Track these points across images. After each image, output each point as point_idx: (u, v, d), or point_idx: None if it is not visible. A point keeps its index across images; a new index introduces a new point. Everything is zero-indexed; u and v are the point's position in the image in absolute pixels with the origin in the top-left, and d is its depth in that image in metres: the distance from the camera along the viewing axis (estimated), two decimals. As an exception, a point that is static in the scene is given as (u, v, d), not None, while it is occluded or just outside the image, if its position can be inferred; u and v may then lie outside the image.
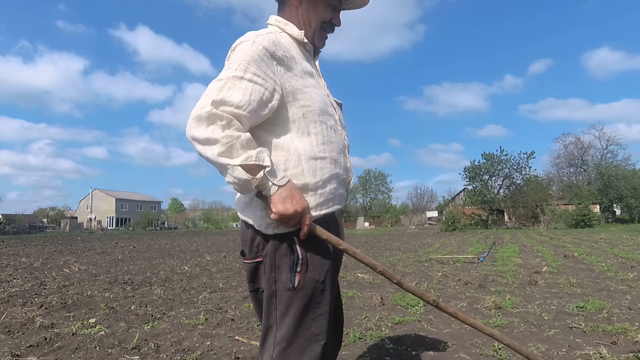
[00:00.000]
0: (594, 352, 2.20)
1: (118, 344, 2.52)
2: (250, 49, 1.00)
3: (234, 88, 0.95)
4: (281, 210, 0.94)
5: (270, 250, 1.03)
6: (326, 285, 1.04)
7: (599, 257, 7.18)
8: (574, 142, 42.46)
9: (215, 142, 0.91)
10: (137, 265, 7.31)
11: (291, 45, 1.13)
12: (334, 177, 1.09)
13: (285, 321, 1.02)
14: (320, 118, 1.08)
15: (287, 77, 1.04)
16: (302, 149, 1.04)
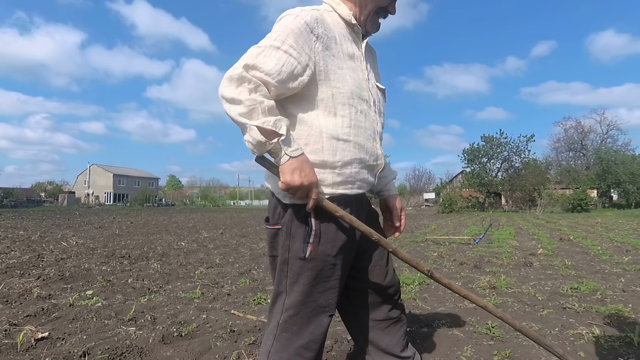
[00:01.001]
0: (587, 332, 2.22)
1: (115, 315, 2.53)
2: (292, 22, 1.02)
3: (268, 56, 0.98)
4: (288, 181, 0.97)
5: (287, 219, 1.08)
6: (338, 261, 1.08)
7: (594, 241, 7.25)
8: (574, 126, 42.23)
9: (239, 102, 0.96)
10: (134, 240, 7.34)
11: (337, 25, 1.13)
12: (356, 160, 1.10)
13: (294, 289, 1.07)
14: (350, 101, 1.08)
15: (323, 56, 1.05)
16: (326, 128, 1.05)
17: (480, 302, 1.23)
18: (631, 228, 10.81)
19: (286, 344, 1.06)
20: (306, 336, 1.07)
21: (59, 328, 2.27)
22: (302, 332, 1.07)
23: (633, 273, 4.11)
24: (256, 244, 7.00)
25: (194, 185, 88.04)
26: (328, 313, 1.09)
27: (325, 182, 1.06)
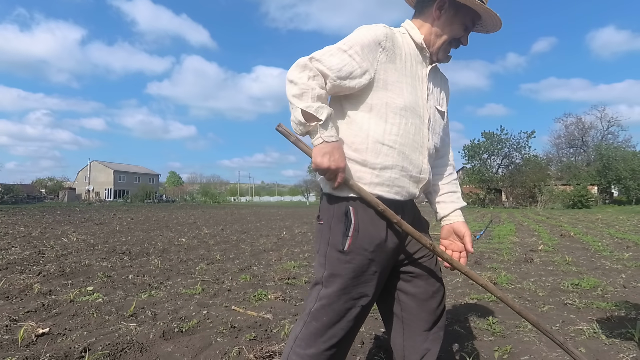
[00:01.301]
0: (588, 328, 2.22)
1: (115, 311, 2.53)
2: (363, 33, 1.14)
3: (334, 55, 1.11)
4: (318, 162, 1.07)
5: (330, 215, 1.16)
6: (375, 257, 1.13)
7: (595, 237, 7.25)
8: (575, 123, 42.05)
9: (295, 84, 1.08)
10: (134, 236, 7.35)
11: (407, 46, 1.22)
12: (398, 167, 1.16)
13: (330, 281, 1.12)
14: (402, 113, 1.16)
15: (386, 67, 1.15)
16: (374, 132, 1.14)
17: (481, 281, 1.26)
18: (632, 224, 10.81)
19: (314, 332, 1.11)
20: (334, 327, 1.11)
21: (60, 324, 2.27)
22: (331, 323, 1.11)
23: (634, 269, 4.11)
24: (256, 240, 7.01)
25: (194, 181, 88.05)
26: (360, 308, 1.13)
27: (363, 180, 1.14)
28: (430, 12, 1.22)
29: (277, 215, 17.52)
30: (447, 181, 1.35)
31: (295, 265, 4.30)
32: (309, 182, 60.25)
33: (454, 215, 1.33)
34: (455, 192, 1.35)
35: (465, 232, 1.29)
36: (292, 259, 4.78)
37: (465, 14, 1.21)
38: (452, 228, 1.32)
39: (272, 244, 6.34)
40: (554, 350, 1.95)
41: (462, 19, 1.21)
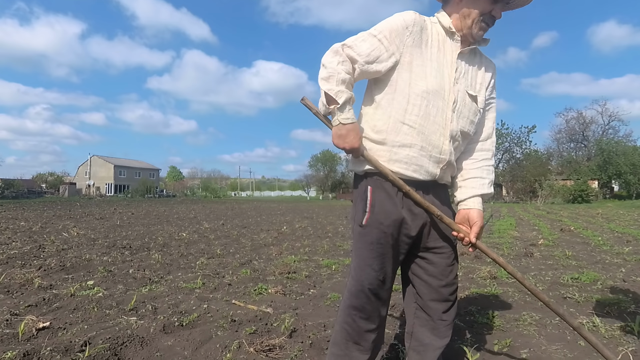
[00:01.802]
0: (587, 321, 2.22)
1: (116, 305, 2.54)
2: (393, 19, 1.23)
3: (365, 41, 1.21)
4: (335, 142, 1.20)
5: (355, 195, 1.31)
6: (391, 231, 1.23)
7: (595, 232, 7.25)
8: (576, 117, 41.85)
9: (325, 68, 1.18)
10: (135, 231, 7.36)
11: (436, 33, 1.27)
12: (417, 146, 1.22)
13: (355, 254, 1.29)
14: (424, 94, 1.21)
15: (412, 50, 1.21)
16: (396, 112, 1.23)
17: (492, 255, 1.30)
18: (632, 219, 10.80)
19: (345, 302, 1.30)
20: (359, 298, 1.26)
21: (60, 318, 2.28)
22: (357, 293, 1.27)
23: (633, 263, 4.11)
24: (257, 234, 7.01)
25: (194, 176, 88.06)
26: (380, 278, 1.25)
27: (383, 158, 1.24)
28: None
29: (277, 209, 17.54)
30: (478, 166, 1.33)
31: (295, 260, 4.31)
32: (310, 176, 60.11)
33: (471, 201, 1.31)
34: (482, 177, 1.32)
35: (476, 222, 1.28)
36: (293, 254, 4.78)
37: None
38: (467, 214, 1.31)
39: (272, 239, 6.35)
40: (554, 344, 1.95)
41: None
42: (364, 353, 1.30)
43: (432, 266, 1.31)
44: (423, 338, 1.34)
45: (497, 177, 34.18)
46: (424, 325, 1.35)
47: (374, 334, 1.31)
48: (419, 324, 1.36)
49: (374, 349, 1.33)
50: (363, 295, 1.27)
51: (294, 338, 2.01)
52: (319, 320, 2.28)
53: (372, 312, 1.29)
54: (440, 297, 1.31)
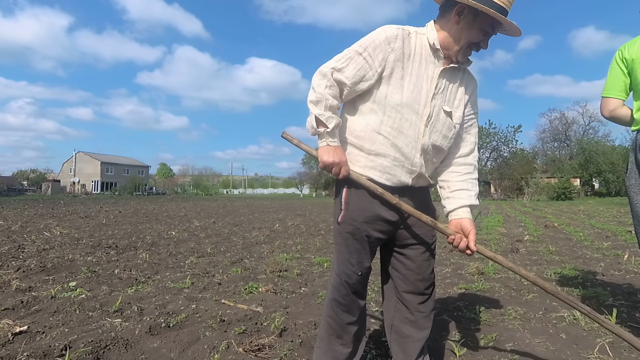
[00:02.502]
0: (568, 314, 2.29)
1: (100, 307, 2.48)
2: (377, 35, 1.26)
3: (352, 60, 1.25)
4: (324, 160, 1.25)
5: (336, 195, 1.39)
6: (365, 227, 1.31)
7: (577, 228, 7.45)
8: (559, 118, 42.92)
9: (314, 91, 1.25)
10: (122, 229, 7.22)
11: (420, 46, 1.29)
12: (389, 157, 1.29)
13: (335, 249, 1.38)
14: (399, 108, 1.26)
15: (393, 65, 1.25)
16: (373, 122, 1.29)
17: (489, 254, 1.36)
18: (611, 215, 11.14)
19: (329, 295, 1.40)
20: (340, 291, 1.35)
21: (39, 321, 2.20)
22: (338, 286, 1.35)
23: (612, 258, 4.24)
24: (249, 232, 6.97)
25: (186, 173, 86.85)
26: (357, 272, 1.33)
27: (359, 164, 1.31)
28: (450, 17, 1.26)
29: (270, 207, 17.46)
30: (463, 179, 1.39)
31: (287, 258, 4.30)
32: (303, 174, 60.07)
33: (461, 211, 1.37)
34: (468, 190, 1.38)
35: (471, 231, 1.34)
36: (285, 252, 4.77)
37: (484, 20, 1.23)
38: (459, 224, 1.36)
39: (264, 237, 6.31)
40: (537, 337, 2.00)
41: (480, 24, 1.24)
42: (347, 347, 1.38)
43: (410, 261, 1.38)
44: (403, 330, 1.40)
45: (486, 175, 34.80)
46: (403, 318, 1.41)
47: (355, 326, 1.38)
48: (398, 317, 1.41)
49: (355, 341, 1.39)
50: (343, 289, 1.35)
51: (284, 337, 2.01)
52: (309, 319, 2.28)
53: (351, 305, 1.36)
54: (417, 291, 1.39)
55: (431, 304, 1.42)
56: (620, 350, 1.80)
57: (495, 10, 1.18)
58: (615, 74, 1.82)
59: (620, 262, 3.95)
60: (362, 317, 1.41)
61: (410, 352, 1.39)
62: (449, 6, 1.26)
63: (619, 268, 3.66)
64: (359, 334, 1.41)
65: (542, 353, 1.82)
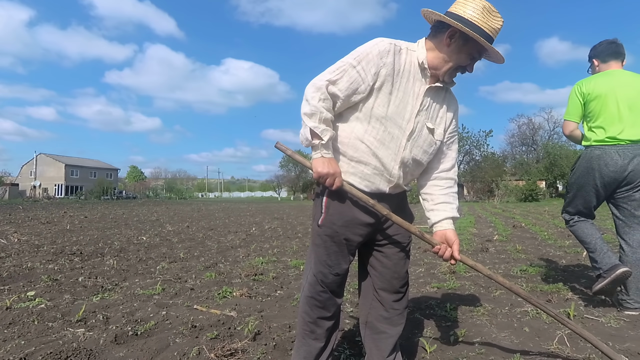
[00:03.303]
0: (531, 309, 2.40)
1: (61, 317, 2.34)
2: (371, 49, 1.29)
3: (346, 72, 1.27)
4: (319, 170, 1.27)
5: (315, 197, 1.42)
6: (344, 231, 1.34)
7: (542, 227, 7.85)
8: (526, 123, 45.13)
9: (308, 104, 1.27)
10: (88, 235, 6.87)
11: (409, 63, 1.33)
12: (369, 165, 1.33)
13: (312, 250, 1.41)
14: (383, 121, 1.31)
15: (383, 79, 1.29)
16: (357, 130, 1.33)
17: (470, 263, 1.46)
18: (574, 215, 11.78)
19: (304, 292, 1.42)
20: (316, 289, 1.39)
21: (-5, 333, 2.06)
22: (314, 285, 1.39)
23: (572, 255, 4.50)
24: (224, 236, 6.82)
25: (158, 176, 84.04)
26: (334, 272, 1.37)
27: (342, 168, 1.35)
28: (442, 38, 1.31)
29: (247, 211, 17.19)
30: (445, 192, 1.46)
31: (263, 261, 4.24)
32: (281, 177, 59.63)
33: (445, 223, 1.44)
34: (450, 203, 1.45)
35: (455, 241, 1.41)
36: (261, 255, 4.70)
37: (473, 46, 1.29)
38: (444, 235, 1.43)
39: (240, 240, 6.20)
40: (503, 331, 2.08)
41: (469, 49, 1.30)
42: (320, 341, 1.42)
43: (387, 259, 1.43)
44: (378, 327, 1.45)
45: (459, 177, 35.78)
46: (378, 315, 1.45)
47: (329, 322, 1.43)
48: (373, 314, 1.46)
49: (328, 336, 1.44)
50: (319, 287, 1.39)
51: (258, 341, 1.97)
52: (284, 322, 2.26)
53: (328, 301, 1.40)
54: (392, 289, 1.44)
55: (405, 302, 1.47)
56: (576, 341, 1.91)
57: (484, 37, 1.25)
58: (574, 102, 2.42)
59: (580, 259, 4.19)
60: (337, 313, 1.44)
61: (383, 348, 1.43)
62: (442, 28, 1.31)
63: (579, 265, 3.89)
64: (332, 329, 1.44)
65: (507, 346, 1.89)
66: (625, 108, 2.27)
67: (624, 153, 2.27)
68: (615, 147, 2.29)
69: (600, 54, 2.48)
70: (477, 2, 1.27)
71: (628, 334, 1.99)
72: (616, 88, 2.31)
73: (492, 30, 1.27)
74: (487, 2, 1.28)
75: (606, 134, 2.30)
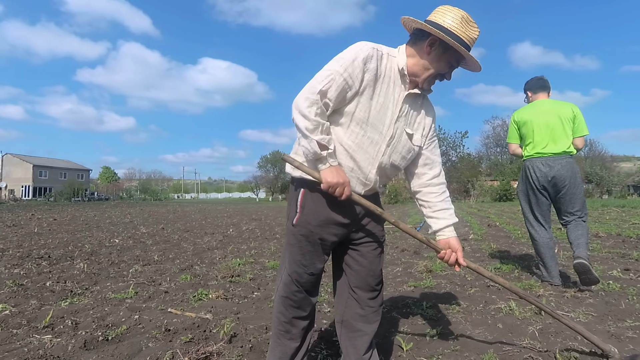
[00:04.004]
0: (505, 306, 2.48)
1: (27, 323, 2.23)
2: (355, 53, 1.29)
3: (334, 81, 1.27)
4: (329, 180, 1.26)
5: (290, 196, 1.43)
6: (319, 231, 1.35)
7: (515, 226, 8.14)
8: (501, 125, 46.73)
9: (307, 119, 1.26)
10: (57, 238, 6.55)
11: (390, 69, 1.35)
12: (347, 167, 1.35)
13: (287, 249, 1.41)
14: (363, 125, 1.33)
15: (365, 84, 1.31)
16: (336, 132, 1.35)
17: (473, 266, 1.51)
18: (544, 214, 12.30)
19: (279, 292, 1.43)
20: (290, 289, 1.40)
21: (-49, 343, 1.93)
22: (289, 284, 1.39)
23: (544, 253, 4.69)
24: (200, 238, 6.68)
25: (132, 177, 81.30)
26: (308, 272, 1.38)
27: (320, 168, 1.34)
28: (422, 46, 1.34)
29: (224, 212, 16.91)
30: (442, 199, 1.50)
31: (240, 263, 4.18)
32: (259, 178, 59.03)
33: (448, 231, 1.50)
34: (448, 209, 1.50)
35: (459, 248, 1.48)
36: (238, 257, 4.64)
37: (452, 54, 1.33)
38: (448, 242, 1.48)
39: (217, 242, 6.10)
40: (477, 328, 2.14)
41: (449, 57, 1.33)
42: (295, 341, 1.42)
43: (363, 257, 1.45)
44: (353, 324, 1.46)
45: (436, 178, 36.79)
46: (354, 313, 1.46)
47: (304, 321, 1.44)
48: (349, 312, 1.47)
49: (303, 335, 1.45)
50: (294, 287, 1.40)
51: (234, 343, 1.94)
52: (261, 323, 2.23)
53: (303, 301, 1.42)
54: (367, 287, 1.46)
55: (380, 299, 1.49)
56: (547, 336, 1.98)
57: (463, 46, 1.30)
58: (512, 129, 3.21)
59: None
60: (312, 312, 1.46)
61: (359, 346, 1.45)
62: (422, 36, 1.33)
63: None
64: (307, 328, 1.45)
65: (482, 342, 1.95)
66: (546, 130, 2.97)
67: (546, 163, 2.96)
68: (540, 159, 2.99)
69: (532, 88, 3.18)
70: (456, 12, 1.31)
71: (595, 328, 2.08)
72: (539, 115, 3.01)
73: (469, 40, 1.32)
74: (464, 12, 1.32)
75: (534, 150, 3.03)
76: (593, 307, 2.43)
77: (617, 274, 3.30)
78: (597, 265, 3.66)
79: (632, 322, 2.15)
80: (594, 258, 4.09)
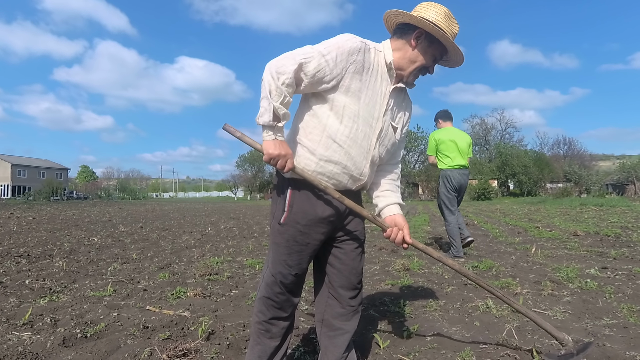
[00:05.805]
0: (482, 304, 2.51)
1: (5, 320, 2.21)
2: (341, 43, 1.28)
3: (313, 59, 1.24)
4: (270, 152, 1.24)
5: (276, 194, 1.40)
6: (307, 230, 1.33)
7: (494, 225, 8.34)
8: (479, 124, 47.72)
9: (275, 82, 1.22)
10: (36, 237, 6.36)
11: (377, 63, 1.35)
12: (340, 164, 1.33)
13: (272, 248, 1.39)
14: (355, 119, 1.31)
15: (352, 76, 1.29)
16: (329, 128, 1.31)
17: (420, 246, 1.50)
18: (523, 213, 12.67)
19: (261, 291, 1.42)
20: (273, 289, 1.38)
21: None
22: (272, 284, 1.37)
23: (522, 251, 4.76)
24: (179, 237, 6.61)
25: (110, 176, 79.26)
26: (293, 273, 1.36)
27: (309, 167, 1.32)
28: (408, 40, 1.36)
29: (202, 211, 16.70)
30: (391, 183, 1.52)
31: (218, 261, 4.18)
32: (237, 176, 58.43)
33: (394, 208, 1.48)
34: (394, 191, 1.51)
35: (405, 225, 1.46)
36: (216, 255, 4.63)
37: (436, 48, 1.37)
38: (394, 220, 1.47)
39: (195, 241, 6.05)
40: (454, 326, 2.17)
41: (433, 51, 1.37)
42: (275, 340, 1.42)
43: (345, 256, 1.45)
44: (334, 323, 1.46)
45: (414, 176, 37.27)
46: (334, 312, 1.46)
47: (285, 321, 1.43)
48: (329, 312, 1.47)
49: (284, 335, 1.44)
50: (277, 287, 1.38)
51: (211, 340, 1.97)
52: (238, 321, 2.26)
53: (284, 302, 1.40)
54: (349, 285, 1.45)
55: (360, 298, 1.50)
56: (524, 334, 2.01)
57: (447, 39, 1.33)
58: (431, 145, 4.58)
59: (529, 255, 4.42)
60: (292, 313, 1.45)
61: (339, 344, 1.45)
62: (408, 30, 1.36)
63: (527, 260, 4.11)
64: (288, 328, 1.44)
65: (459, 339, 1.97)
66: (459, 149, 4.43)
67: (462, 173, 4.45)
68: (457, 170, 4.42)
69: (442, 117, 4.64)
70: (439, 8, 1.35)
71: (572, 326, 2.10)
72: (454, 138, 4.44)
73: (452, 35, 1.36)
74: (446, 8, 1.36)
75: (451, 162, 4.42)
76: (570, 305, 2.45)
77: (594, 273, 3.32)
78: (574, 264, 3.74)
79: (609, 320, 2.17)
80: (571, 256, 4.20)
